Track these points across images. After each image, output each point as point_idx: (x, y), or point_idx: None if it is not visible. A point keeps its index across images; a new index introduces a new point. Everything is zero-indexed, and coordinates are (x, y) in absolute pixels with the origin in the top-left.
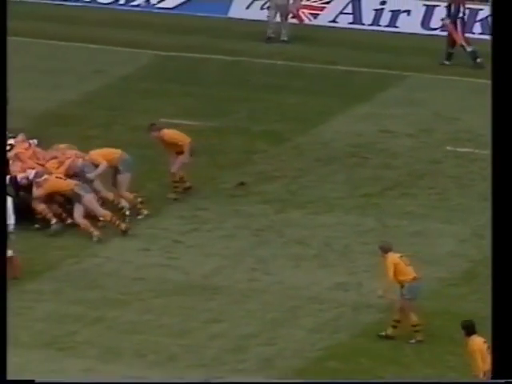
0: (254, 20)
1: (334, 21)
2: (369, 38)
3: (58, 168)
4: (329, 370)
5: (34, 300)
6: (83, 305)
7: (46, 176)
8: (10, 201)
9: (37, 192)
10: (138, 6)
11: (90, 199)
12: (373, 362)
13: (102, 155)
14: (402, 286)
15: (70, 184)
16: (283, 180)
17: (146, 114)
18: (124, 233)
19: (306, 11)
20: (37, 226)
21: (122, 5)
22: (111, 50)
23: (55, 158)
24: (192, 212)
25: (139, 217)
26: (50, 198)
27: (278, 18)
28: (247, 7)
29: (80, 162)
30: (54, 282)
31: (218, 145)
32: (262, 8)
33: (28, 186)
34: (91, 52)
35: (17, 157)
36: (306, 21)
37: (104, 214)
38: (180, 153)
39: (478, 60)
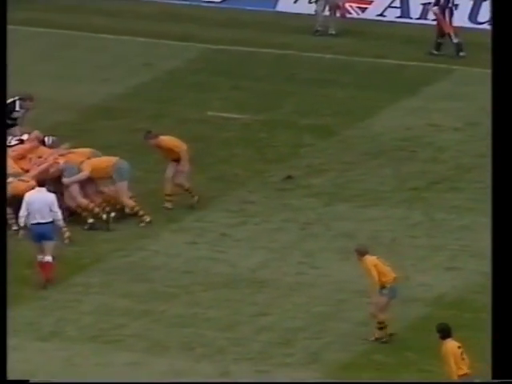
0: (301, 14)
1: (381, 14)
2: (417, 32)
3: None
4: (375, 363)
5: (82, 293)
6: (131, 298)
7: (10, 179)
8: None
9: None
10: None
11: None
12: (418, 355)
13: (93, 165)
14: (383, 287)
15: (28, 187)
16: (331, 173)
17: (195, 107)
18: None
19: (353, 5)
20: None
21: None
22: (160, 44)
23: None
24: (239, 205)
25: (141, 224)
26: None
27: (327, 12)
28: (295, 1)
29: (62, 164)
30: (102, 275)
31: (266, 138)
32: (310, 2)
33: None
34: (140, 45)
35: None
36: (353, 14)
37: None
38: (177, 160)
39: (462, 53)
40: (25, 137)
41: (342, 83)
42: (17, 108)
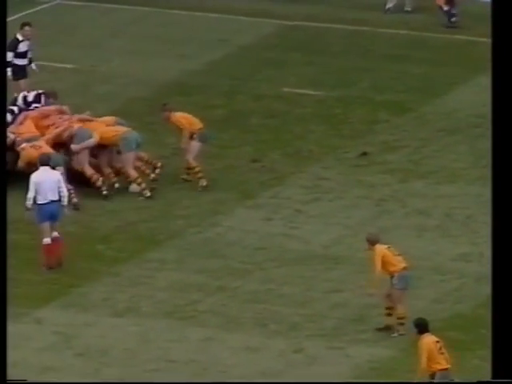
0: None
1: None
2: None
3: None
4: (449, 340)
5: (157, 269)
6: (205, 274)
7: (23, 145)
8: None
9: (19, 164)
10: None
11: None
12: None
13: (101, 132)
14: (392, 277)
15: (37, 155)
16: (406, 150)
17: (270, 83)
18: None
19: None
20: None
21: None
22: (234, 19)
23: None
24: (314, 182)
25: (141, 198)
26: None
27: None
28: None
29: (75, 129)
30: (177, 251)
31: (341, 114)
32: None
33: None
34: (214, 21)
35: (25, 118)
36: None
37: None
38: (190, 137)
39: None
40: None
41: (417, 59)
42: (42, 102)
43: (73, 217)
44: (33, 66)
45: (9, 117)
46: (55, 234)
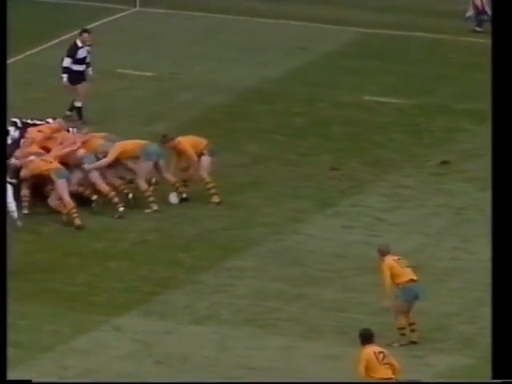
0: None
1: None
2: None
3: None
4: None
5: (237, 277)
6: (285, 282)
7: (31, 157)
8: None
9: (22, 173)
10: None
11: (61, 185)
12: None
13: (121, 147)
14: (398, 289)
15: (50, 167)
16: (486, 158)
17: (350, 91)
18: (78, 228)
19: None
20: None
21: None
22: (316, 27)
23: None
24: (395, 190)
25: (147, 210)
26: (35, 181)
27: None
28: None
29: (81, 153)
30: (257, 259)
31: (422, 123)
32: None
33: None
34: (296, 29)
35: (30, 140)
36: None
37: (67, 202)
38: (200, 155)
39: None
40: (50, 120)
41: None
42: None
43: (153, 225)
44: (90, 71)
45: (13, 131)
46: None
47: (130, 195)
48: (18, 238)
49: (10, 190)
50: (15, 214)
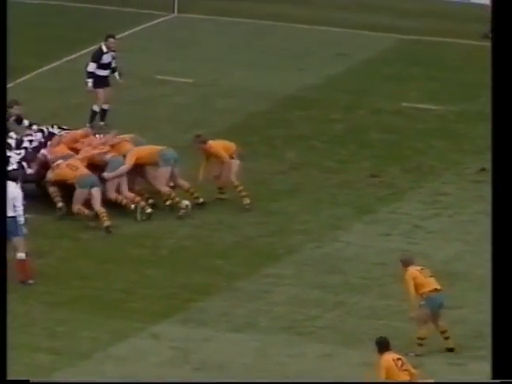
0: None
1: None
2: None
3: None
4: None
5: (275, 284)
6: (324, 289)
7: (59, 161)
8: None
9: (48, 175)
10: None
11: (80, 194)
12: None
13: (137, 153)
14: (422, 298)
15: (76, 175)
16: None
17: (389, 97)
18: (106, 229)
19: None
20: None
21: None
22: (354, 34)
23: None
24: (434, 197)
25: (181, 212)
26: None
27: None
28: None
29: (109, 157)
30: (295, 266)
31: (462, 129)
32: None
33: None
34: (334, 35)
35: (58, 142)
36: None
37: (77, 210)
38: (231, 157)
39: None
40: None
41: None
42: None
43: (191, 232)
44: (116, 76)
45: (39, 136)
46: (19, 255)
47: (150, 201)
48: (56, 245)
49: (20, 194)
50: (22, 219)
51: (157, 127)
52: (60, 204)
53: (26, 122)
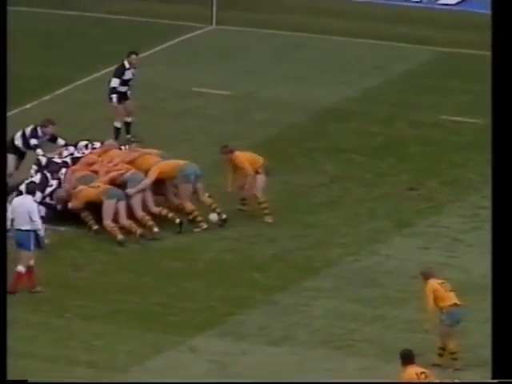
0: None
1: None
2: None
3: (103, 175)
4: None
5: (313, 297)
6: (362, 303)
7: (80, 187)
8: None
9: (73, 203)
10: (419, 1)
11: (109, 206)
12: None
13: (160, 168)
14: (442, 312)
15: (100, 191)
16: None
17: (427, 110)
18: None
19: None
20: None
21: (403, 0)
22: (392, 46)
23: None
24: (473, 210)
25: (196, 229)
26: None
27: None
28: None
29: (128, 174)
30: (334, 280)
31: None
32: None
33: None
34: (374, 48)
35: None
36: None
37: (107, 224)
38: (256, 173)
39: None
40: (97, 145)
41: None
42: (39, 134)
43: (229, 245)
44: (128, 93)
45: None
46: (19, 267)
47: (156, 229)
48: (92, 258)
49: (36, 207)
50: (42, 232)
51: (191, 139)
52: (95, 227)
53: (60, 141)
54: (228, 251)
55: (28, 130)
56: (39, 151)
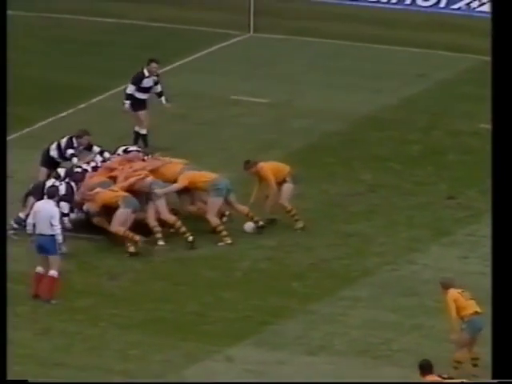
0: None
1: None
2: None
3: (122, 180)
4: None
5: (350, 307)
6: (400, 312)
7: (98, 189)
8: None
9: (89, 206)
10: (458, 9)
11: (123, 214)
12: None
13: (190, 177)
14: (463, 321)
15: (117, 195)
16: None
17: (466, 118)
18: (131, 255)
19: None
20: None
21: (442, 8)
22: (432, 54)
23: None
24: None
25: (220, 243)
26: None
27: None
28: None
29: (149, 180)
30: (371, 289)
31: None
32: None
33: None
34: (412, 55)
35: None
36: None
37: (118, 230)
38: (282, 182)
39: None
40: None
41: None
42: (75, 144)
43: (266, 253)
44: (163, 100)
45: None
46: (51, 272)
47: (190, 238)
48: (127, 266)
49: (57, 212)
50: (60, 238)
51: (229, 148)
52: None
53: (96, 149)
54: (265, 260)
55: (63, 141)
56: (75, 160)
